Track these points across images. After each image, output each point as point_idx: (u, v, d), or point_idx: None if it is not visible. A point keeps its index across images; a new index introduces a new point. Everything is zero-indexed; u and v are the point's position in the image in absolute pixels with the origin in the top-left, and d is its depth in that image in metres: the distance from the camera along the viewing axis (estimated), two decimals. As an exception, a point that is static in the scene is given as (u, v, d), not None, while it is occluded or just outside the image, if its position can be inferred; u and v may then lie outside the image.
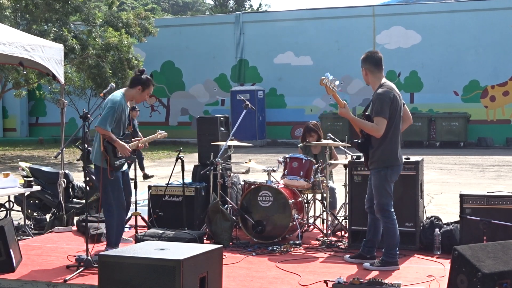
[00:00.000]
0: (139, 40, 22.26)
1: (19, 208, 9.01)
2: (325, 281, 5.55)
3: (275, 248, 7.12)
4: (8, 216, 8.58)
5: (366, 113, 6.27)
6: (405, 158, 7.08)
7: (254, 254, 6.93)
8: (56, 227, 8.30)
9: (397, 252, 6.28)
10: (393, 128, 6.14)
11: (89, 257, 6.10)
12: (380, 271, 6.09)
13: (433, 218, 7.17)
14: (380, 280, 5.33)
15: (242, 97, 8.89)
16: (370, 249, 6.50)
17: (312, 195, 8.00)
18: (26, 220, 8.72)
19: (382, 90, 6.13)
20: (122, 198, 6.79)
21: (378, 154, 6.16)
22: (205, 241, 7.30)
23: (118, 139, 6.60)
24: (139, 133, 13.18)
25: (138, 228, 7.62)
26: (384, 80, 6.31)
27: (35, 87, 24.71)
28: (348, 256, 6.63)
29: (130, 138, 6.92)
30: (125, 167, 6.91)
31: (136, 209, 7.74)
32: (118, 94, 6.74)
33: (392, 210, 6.26)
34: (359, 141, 6.30)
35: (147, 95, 6.89)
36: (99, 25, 21.02)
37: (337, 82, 6.15)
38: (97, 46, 20.10)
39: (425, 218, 7.31)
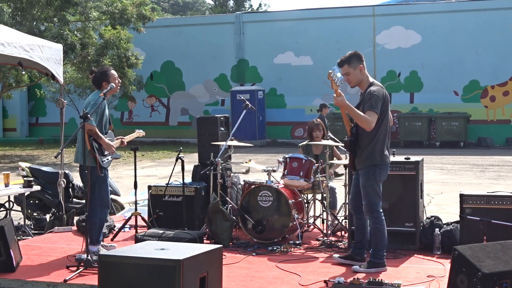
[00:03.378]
0: (137, 31, 21.93)
1: (19, 208, 9.01)
2: (325, 281, 5.56)
3: (275, 248, 7.12)
4: (8, 216, 8.58)
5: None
6: (405, 158, 7.11)
7: (254, 254, 6.92)
8: (56, 227, 8.30)
9: (385, 254, 6.24)
10: (382, 126, 6.12)
11: (89, 257, 6.10)
12: (368, 273, 5.98)
13: (433, 218, 7.16)
14: (380, 280, 5.34)
15: (242, 97, 8.88)
16: (360, 250, 6.42)
17: (312, 195, 8.00)
18: (26, 220, 8.73)
19: (377, 88, 6.16)
20: (107, 196, 6.93)
21: (366, 153, 6.12)
22: (205, 241, 7.29)
23: (103, 137, 6.70)
24: None
25: (138, 228, 7.62)
26: (371, 78, 6.35)
27: (31, 86, 24.63)
28: (338, 255, 6.55)
29: (113, 136, 7.02)
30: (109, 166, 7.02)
31: (136, 209, 7.74)
32: (97, 93, 6.82)
33: (381, 210, 6.20)
34: (350, 139, 6.23)
35: (114, 84, 6.81)
36: (96, 19, 20.86)
37: (339, 75, 6.25)
38: (96, 44, 20.05)
39: (425, 218, 7.30)
